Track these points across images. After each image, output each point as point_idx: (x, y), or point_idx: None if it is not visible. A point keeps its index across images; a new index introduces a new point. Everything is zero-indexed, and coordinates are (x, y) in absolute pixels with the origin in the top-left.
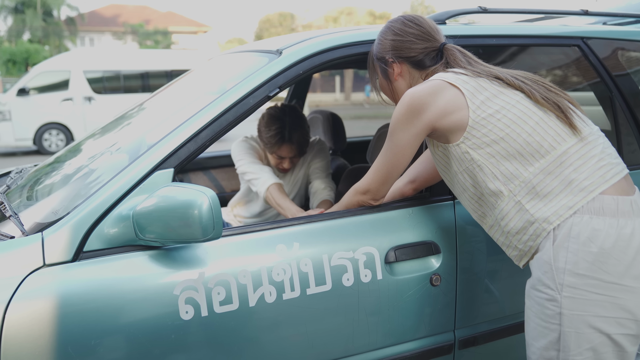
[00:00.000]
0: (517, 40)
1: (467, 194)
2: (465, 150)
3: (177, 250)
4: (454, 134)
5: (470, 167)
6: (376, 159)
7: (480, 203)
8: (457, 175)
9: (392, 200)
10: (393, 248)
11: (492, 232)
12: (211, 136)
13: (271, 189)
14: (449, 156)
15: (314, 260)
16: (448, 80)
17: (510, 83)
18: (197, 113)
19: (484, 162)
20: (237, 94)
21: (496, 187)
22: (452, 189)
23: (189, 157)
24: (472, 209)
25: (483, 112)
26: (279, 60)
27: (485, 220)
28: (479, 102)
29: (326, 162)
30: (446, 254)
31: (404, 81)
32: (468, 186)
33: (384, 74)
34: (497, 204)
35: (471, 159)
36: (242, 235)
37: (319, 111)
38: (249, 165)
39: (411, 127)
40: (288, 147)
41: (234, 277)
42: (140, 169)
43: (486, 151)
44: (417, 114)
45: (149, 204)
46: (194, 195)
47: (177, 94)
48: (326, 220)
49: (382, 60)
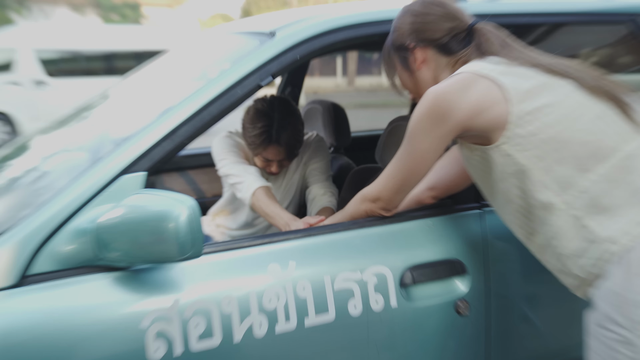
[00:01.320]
0: (555, 18)
1: (512, 206)
2: (506, 152)
3: (148, 272)
4: (492, 133)
5: (515, 173)
6: (390, 163)
7: (529, 218)
8: (498, 184)
9: (407, 209)
10: (409, 268)
11: (542, 254)
12: (191, 133)
13: (257, 194)
14: (489, 160)
15: (314, 282)
16: (478, 72)
17: (557, 71)
18: (174, 105)
19: (531, 167)
20: (222, 83)
21: (547, 198)
22: (493, 201)
23: (164, 158)
24: (517, 226)
25: (527, 105)
26: (273, 44)
27: (534, 239)
28: (522, 94)
29: (325, 163)
30: (475, 274)
31: (428, 70)
32: (512, 197)
33: (404, 65)
34: (548, 219)
35: (515, 163)
36: (226, 253)
37: (318, 101)
38: (233, 166)
39: (435, 130)
40: (275, 149)
41: (217, 304)
42: (104, 173)
43: (533, 153)
44: (443, 114)
45: (114, 215)
46: (169, 205)
47: (149, 80)
48: (328, 233)
49: (402, 48)
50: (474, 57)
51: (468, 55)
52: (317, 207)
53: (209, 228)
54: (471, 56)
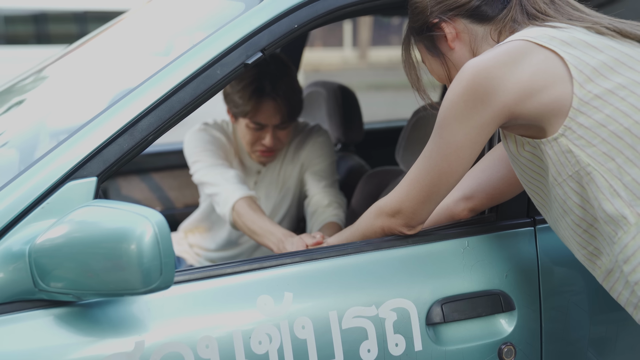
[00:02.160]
0: None
1: (570, 218)
2: (567, 147)
3: (101, 306)
4: (549, 122)
5: (577, 175)
6: (414, 164)
7: (593, 234)
8: (554, 189)
9: (437, 226)
10: (439, 301)
11: (610, 283)
12: (156, 126)
13: (239, 208)
14: (542, 158)
15: (316, 320)
16: (534, 40)
17: (635, 38)
18: (134, 89)
19: (598, 168)
20: (196, 61)
21: (616, 210)
22: (547, 213)
23: (121, 159)
24: (577, 245)
25: (596, 86)
26: (262, 7)
27: (599, 262)
28: (589, 71)
29: (329, 164)
30: (523, 311)
31: (464, 47)
32: (572, 206)
33: (432, 49)
34: (617, 237)
35: (577, 162)
36: (203, 282)
37: (320, 83)
38: (208, 171)
39: (474, 117)
40: (270, 106)
41: (191, 348)
42: (43, 178)
43: (601, 150)
44: (484, 95)
45: (56, 234)
46: (130, 221)
47: (99, 54)
48: (334, 256)
49: (424, 27)
50: (518, 19)
51: (510, 19)
52: (320, 222)
53: (180, 248)
54: (514, 19)
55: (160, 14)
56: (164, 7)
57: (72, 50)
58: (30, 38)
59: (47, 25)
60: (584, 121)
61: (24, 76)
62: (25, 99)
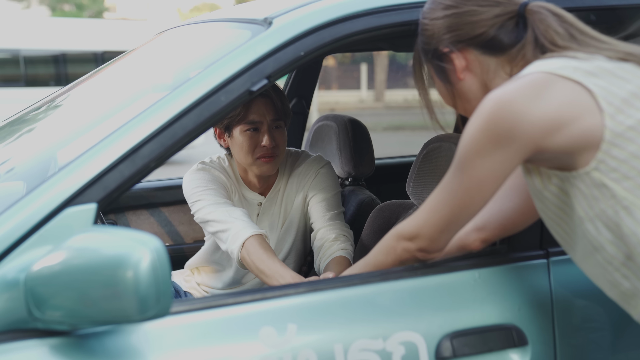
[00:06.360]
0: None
1: (601, 255)
2: (600, 181)
3: (98, 337)
4: (579, 155)
5: (611, 209)
6: (434, 192)
7: (624, 273)
8: (582, 225)
9: (447, 257)
10: (449, 335)
11: None
12: (158, 153)
13: (249, 246)
14: (569, 193)
15: (321, 353)
16: (555, 72)
17: None
18: (136, 117)
19: (634, 201)
20: (201, 87)
21: None
22: (573, 248)
23: (123, 185)
24: (606, 282)
25: (628, 117)
26: (268, 35)
27: (632, 302)
28: (619, 102)
29: (334, 195)
30: (538, 347)
31: (474, 78)
32: (603, 242)
33: (441, 75)
34: None
35: (612, 195)
36: (204, 312)
37: (331, 117)
38: (212, 209)
39: (497, 152)
40: (262, 101)
41: None
42: (41, 204)
43: (637, 183)
44: (508, 131)
45: (53, 261)
46: (127, 247)
47: (106, 87)
48: (340, 287)
49: (435, 54)
50: (532, 52)
51: (524, 50)
52: (328, 256)
53: (188, 284)
54: (528, 51)
55: (167, 43)
56: (171, 40)
57: (80, 82)
58: (49, 79)
59: (65, 67)
60: (618, 154)
61: (34, 108)
62: (30, 128)
